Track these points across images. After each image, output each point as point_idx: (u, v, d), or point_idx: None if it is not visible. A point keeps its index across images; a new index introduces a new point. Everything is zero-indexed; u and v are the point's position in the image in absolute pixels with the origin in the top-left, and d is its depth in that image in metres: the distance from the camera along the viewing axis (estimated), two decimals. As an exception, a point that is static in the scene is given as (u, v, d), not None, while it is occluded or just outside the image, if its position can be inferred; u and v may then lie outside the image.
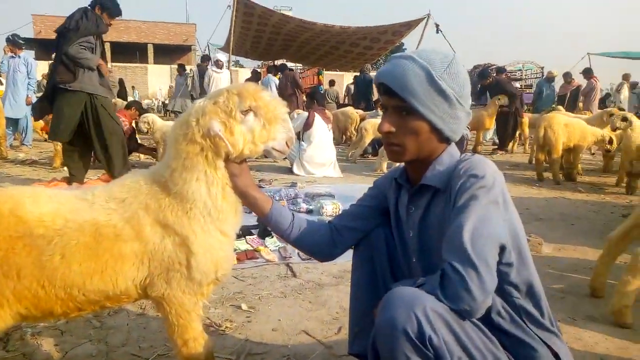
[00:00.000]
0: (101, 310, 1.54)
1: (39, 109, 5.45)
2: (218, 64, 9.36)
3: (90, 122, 4.92)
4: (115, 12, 5.10)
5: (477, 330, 1.21)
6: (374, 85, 11.01)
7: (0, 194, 1.37)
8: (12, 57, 8.41)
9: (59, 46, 4.85)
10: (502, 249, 1.24)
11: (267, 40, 14.74)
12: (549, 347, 1.30)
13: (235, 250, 3.28)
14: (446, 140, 1.40)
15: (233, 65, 13.81)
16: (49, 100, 5.02)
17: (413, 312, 1.10)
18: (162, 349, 2.04)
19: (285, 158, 7.29)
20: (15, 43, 8.44)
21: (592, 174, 7.59)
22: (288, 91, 10.73)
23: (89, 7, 4.96)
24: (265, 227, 3.52)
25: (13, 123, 8.47)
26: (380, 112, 8.50)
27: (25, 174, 6.32)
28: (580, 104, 12.51)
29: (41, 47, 31.47)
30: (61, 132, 4.97)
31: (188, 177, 1.42)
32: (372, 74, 12.82)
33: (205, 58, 12.50)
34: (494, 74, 10.48)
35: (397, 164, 1.54)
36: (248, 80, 12.34)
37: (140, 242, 1.39)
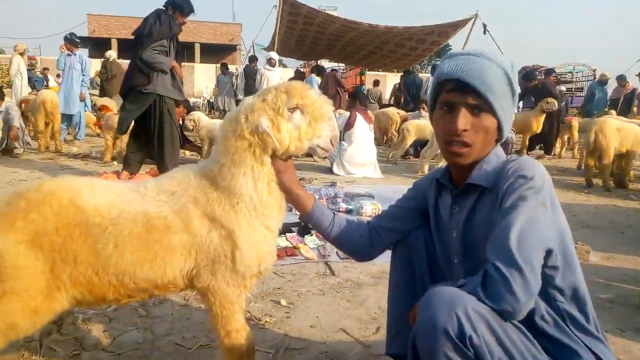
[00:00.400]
0: (150, 298, 1.61)
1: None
2: (271, 62, 9.47)
3: (155, 121, 5.13)
4: (188, 10, 5.18)
5: (518, 332, 1.20)
6: (424, 86, 10.89)
7: (60, 184, 1.45)
8: (69, 55, 8.82)
9: (135, 50, 5.05)
10: (549, 252, 1.22)
11: (312, 40, 14.81)
12: (594, 353, 1.27)
13: (275, 246, 3.34)
14: (497, 141, 1.39)
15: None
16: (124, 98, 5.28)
17: (454, 312, 1.10)
18: (204, 340, 2.10)
19: (326, 157, 7.32)
20: (72, 41, 8.84)
21: (646, 181, 7.25)
22: (331, 91, 10.76)
23: (163, 9, 5.11)
24: (305, 225, 3.56)
25: (67, 118, 8.86)
26: (424, 113, 8.38)
27: (78, 167, 6.62)
28: (635, 109, 11.97)
29: (95, 46, 32.80)
30: (125, 127, 5.36)
31: (236, 172, 1.47)
32: (421, 75, 12.69)
33: (253, 59, 12.75)
34: (541, 76, 10.18)
35: (440, 165, 1.53)
36: (291, 79, 12.52)
37: (189, 234, 1.45)
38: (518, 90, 1.35)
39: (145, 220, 1.42)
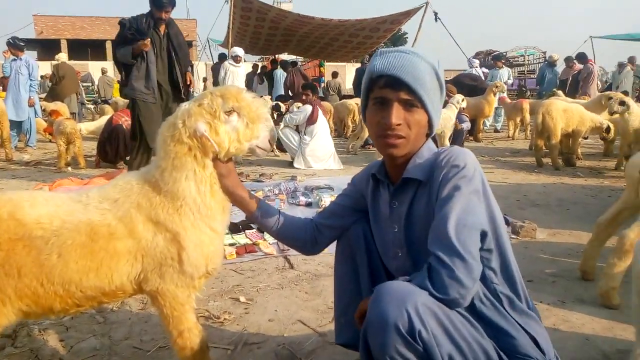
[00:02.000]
0: (99, 305, 1.62)
1: None
2: (237, 59, 9.38)
3: (134, 124, 5.06)
4: (158, 3, 4.86)
5: (464, 321, 1.26)
6: None
7: (0, 199, 1.45)
8: (14, 59, 8.50)
9: None
10: (484, 235, 1.29)
11: (267, 36, 14.72)
12: (528, 333, 1.35)
13: (234, 244, 3.37)
14: (428, 135, 1.46)
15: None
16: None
17: (404, 307, 1.15)
18: (163, 342, 2.12)
19: (286, 152, 7.36)
20: (16, 45, 8.52)
21: (593, 158, 7.61)
22: (298, 87, 10.76)
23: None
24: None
25: (17, 125, 8.56)
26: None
27: (30, 175, 6.43)
28: (594, 86, 12.46)
29: (43, 48, 31.61)
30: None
31: (177, 176, 1.49)
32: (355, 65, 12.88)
33: (222, 56, 12.59)
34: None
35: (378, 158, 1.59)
36: (249, 74, 12.45)
37: (134, 239, 1.47)
38: (444, 85, 1.42)
39: (88, 229, 1.43)
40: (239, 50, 9.48)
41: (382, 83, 1.37)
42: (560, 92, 9.88)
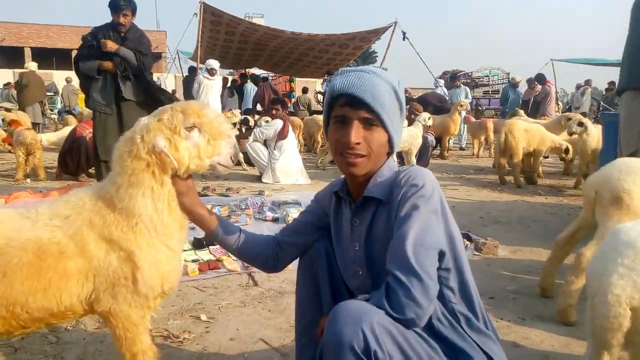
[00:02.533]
0: (47, 327, 1.55)
1: None
2: (212, 72, 9.11)
3: None
4: (112, 5, 4.70)
5: (421, 341, 1.26)
6: None
7: (-58, 214, 1.37)
8: None
9: None
10: (442, 255, 1.29)
11: (236, 50, 14.68)
12: (485, 352, 1.35)
13: (197, 260, 3.30)
14: (388, 154, 1.47)
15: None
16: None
17: (360, 327, 1.14)
18: (117, 363, 2.04)
19: (254, 166, 7.31)
20: None
21: (553, 176, 7.84)
22: (267, 102, 10.68)
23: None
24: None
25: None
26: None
27: (-14, 187, 6.17)
28: (552, 106, 12.87)
29: (5, 55, 30.67)
30: None
31: (134, 192, 1.45)
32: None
33: (192, 69, 12.44)
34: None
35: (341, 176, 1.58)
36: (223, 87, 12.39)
37: (85, 259, 1.41)
38: (404, 104, 1.43)
39: (36, 247, 1.37)
40: (214, 63, 9.26)
41: (342, 102, 1.38)
42: (522, 112, 10.19)
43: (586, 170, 6.09)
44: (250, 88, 12.75)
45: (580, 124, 6.14)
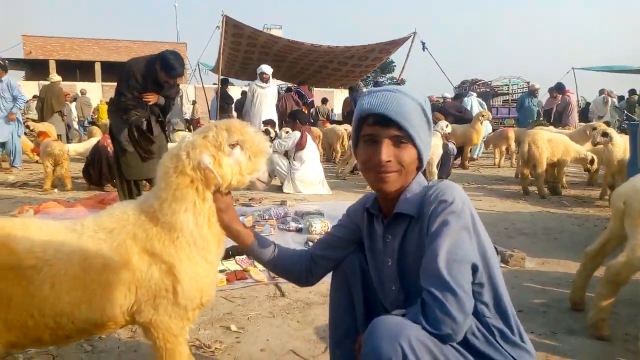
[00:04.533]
0: (89, 337, 1.59)
1: None
2: (263, 78, 8.36)
3: None
4: (169, 70, 4.66)
5: (458, 355, 1.27)
6: None
7: (-8, 227, 1.42)
8: None
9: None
10: (475, 270, 1.30)
11: (257, 62, 14.85)
12: None
13: (224, 270, 3.34)
14: (418, 169, 1.48)
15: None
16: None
17: (398, 342, 1.15)
18: (151, 372, 2.08)
19: (276, 176, 7.36)
20: (1, 66, 8.40)
21: (578, 187, 7.72)
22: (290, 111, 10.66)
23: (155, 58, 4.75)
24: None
25: (1, 145, 8.45)
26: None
27: (15, 197, 6.33)
28: (573, 118, 12.70)
29: (31, 68, 31.51)
30: None
31: (177, 207, 1.49)
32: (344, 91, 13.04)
33: (225, 81, 12.41)
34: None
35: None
36: (239, 100, 12.47)
37: (128, 271, 1.46)
38: (431, 119, 1.45)
39: (82, 259, 1.41)
40: (265, 68, 8.60)
41: (371, 121, 1.41)
42: (551, 127, 10.08)
43: (612, 180, 5.99)
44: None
45: (605, 134, 6.04)
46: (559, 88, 12.10)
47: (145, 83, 4.71)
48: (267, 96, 8.47)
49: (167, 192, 1.50)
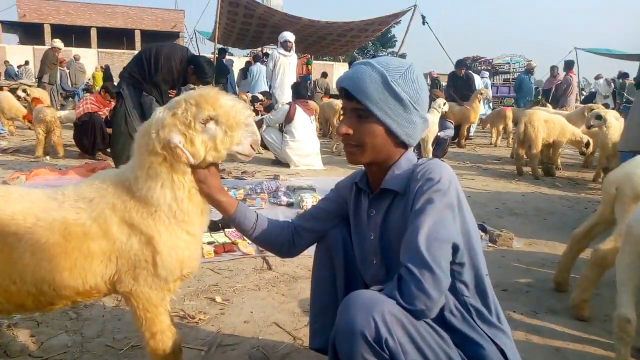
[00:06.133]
0: (73, 304, 1.60)
1: None
2: (287, 46, 7.81)
3: None
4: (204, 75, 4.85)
5: (431, 330, 1.28)
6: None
7: (-27, 194, 1.41)
8: None
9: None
10: (456, 249, 1.30)
11: (255, 32, 14.64)
12: (495, 344, 1.37)
13: (213, 243, 3.35)
14: (403, 145, 1.46)
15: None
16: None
17: (371, 316, 1.17)
18: (135, 340, 2.10)
19: (268, 149, 7.33)
20: None
21: (572, 169, 7.74)
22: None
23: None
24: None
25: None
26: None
27: (7, 163, 6.29)
28: (572, 97, 12.62)
29: (25, 31, 30.99)
30: None
31: (152, 184, 1.46)
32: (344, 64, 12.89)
33: (222, 51, 12.14)
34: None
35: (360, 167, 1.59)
36: (242, 70, 12.18)
37: (108, 240, 1.45)
38: (402, 93, 1.38)
39: (62, 227, 1.40)
40: (289, 35, 8.09)
41: (342, 94, 1.44)
42: (549, 106, 10.03)
43: (606, 163, 6.00)
44: (257, 70, 12.05)
45: (599, 116, 6.01)
46: (568, 65, 11.97)
47: (177, 81, 4.85)
48: (290, 65, 8.09)
49: (141, 170, 1.47)
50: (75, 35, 29.72)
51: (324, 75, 14.57)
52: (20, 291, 1.41)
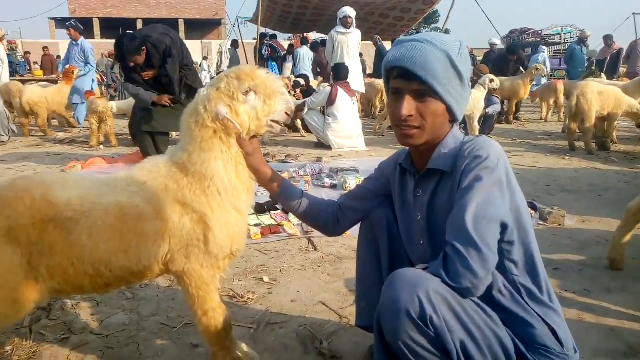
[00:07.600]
0: (127, 285, 1.69)
1: None
2: (346, 22, 7.13)
3: None
4: None
5: (478, 309, 1.27)
6: None
7: (33, 181, 1.51)
8: (73, 44, 8.66)
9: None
10: (505, 228, 1.28)
11: (295, 15, 14.57)
12: (546, 323, 1.35)
13: (259, 225, 3.42)
14: (453, 122, 1.44)
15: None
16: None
17: (416, 294, 1.17)
18: (188, 319, 2.19)
19: (311, 132, 7.34)
20: (76, 27, 8.59)
21: (629, 142, 7.35)
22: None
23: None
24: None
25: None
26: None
27: (64, 153, 6.62)
28: (622, 69, 11.92)
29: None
30: None
31: (206, 157, 1.55)
32: (386, 44, 12.55)
33: (305, 41, 12.28)
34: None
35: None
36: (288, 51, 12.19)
37: (161, 221, 1.52)
38: (466, 70, 1.38)
39: (117, 210, 1.48)
40: (349, 11, 7.41)
41: (395, 74, 1.38)
42: (603, 76, 9.51)
43: (666, 136, 5.67)
44: (303, 53, 12.11)
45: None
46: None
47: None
48: (349, 44, 7.43)
49: (194, 145, 1.55)
50: (123, 27, 30.58)
51: (360, 55, 14.33)
52: (78, 272, 1.50)
